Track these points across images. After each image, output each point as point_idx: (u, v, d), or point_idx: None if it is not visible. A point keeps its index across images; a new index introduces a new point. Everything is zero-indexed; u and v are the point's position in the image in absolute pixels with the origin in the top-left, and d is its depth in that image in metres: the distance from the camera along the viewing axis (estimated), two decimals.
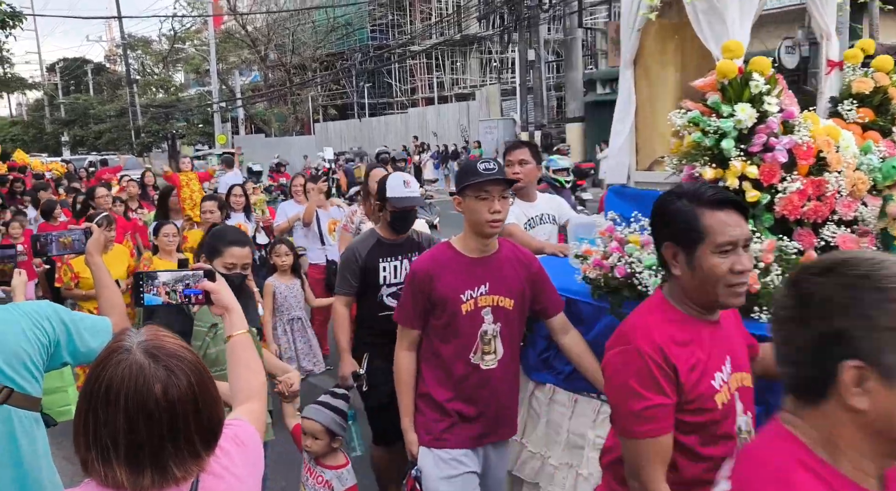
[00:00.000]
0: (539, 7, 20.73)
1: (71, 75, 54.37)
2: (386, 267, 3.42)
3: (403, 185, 3.37)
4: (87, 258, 2.41)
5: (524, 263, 2.66)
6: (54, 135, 47.39)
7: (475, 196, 2.45)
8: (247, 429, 1.44)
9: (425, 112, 30.68)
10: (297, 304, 5.01)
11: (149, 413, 1.14)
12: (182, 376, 1.18)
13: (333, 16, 36.34)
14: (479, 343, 2.56)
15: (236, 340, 1.72)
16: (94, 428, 1.14)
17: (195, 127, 40.84)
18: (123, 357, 1.17)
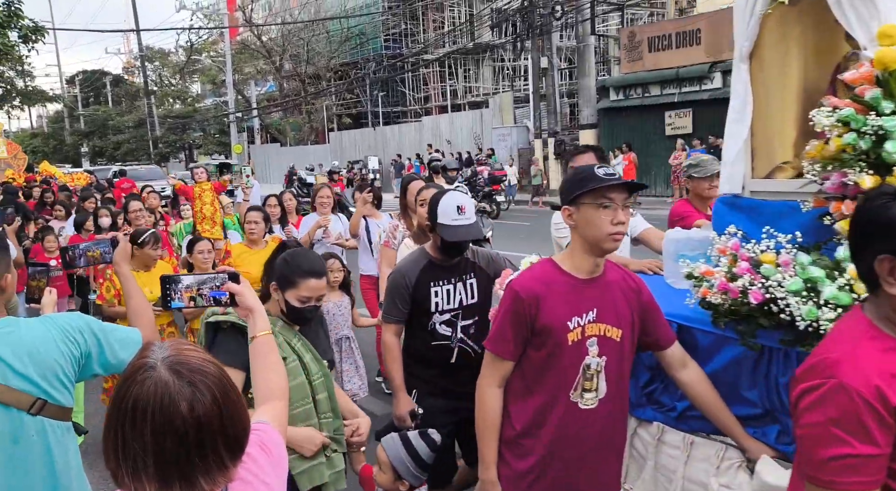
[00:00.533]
0: (551, 15, 20.80)
1: (90, 87, 55.13)
2: (438, 292, 3.07)
3: (457, 212, 2.91)
4: (114, 268, 2.45)
5: (634, 287, 2.30)
6: (74, 146, 48.05)
7: (595, 204, 2.09)
8: (271, 435, 1.46)
9: (439, 120, 30.78)
10: (344, 322, 4.78)
11: (175, 430, 1.15)
12: (207, 392, 1.19)
13: (347, 26, 36.62)
14: (581, 378, 2.19)
15: (259, 340, 1.76)
16: (122, 444, 1.16)
17: (212, 137, 41.29)
18: (148, 375, 1.18)
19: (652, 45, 19.43)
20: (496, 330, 2.25)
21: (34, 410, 1.85)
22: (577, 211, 2.13)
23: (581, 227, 2.15)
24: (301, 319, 2.43)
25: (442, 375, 3.09)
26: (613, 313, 2.21)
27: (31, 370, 1.85)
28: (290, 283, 2.37)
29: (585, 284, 2.20)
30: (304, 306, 2.38)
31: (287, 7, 39.86)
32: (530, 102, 24.65)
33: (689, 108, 18.65)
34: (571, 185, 2.17)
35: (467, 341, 3.12)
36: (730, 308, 2.27)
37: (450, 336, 3.09)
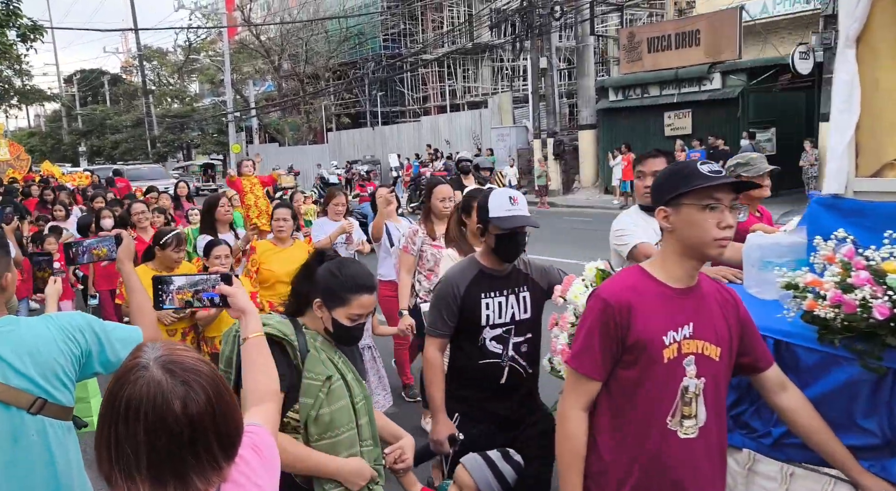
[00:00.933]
0: (550, 15, 20.80)
1: (88, 86, 55.05)
2: (489, 304, 2.83)
3: (509, 202, 2.78)
4: (117, 265, 2.44)
5: (730, 300, 2.04)
6: (72, 145, 48.00)
7: (699, 205, 1.86)
8: (264, 437, 1.45)
9: (438, 120, 30.77)
10: (366, 331, 4.57)
11: (169, 429, 1.15)
12: (200, 391, 1.19)
13: (346, 26, 36.59)
14: (679, 402, 1.92)
15: (251, 341, 1.75)
16: (115, 444, 1.16)
17: (210, 136, 41.22)
18: (141, 374, 1.18)
19: (651, 46, 19.42)
20: (581, 345, 1.97)
21: (34, 410, 1.85)
22: (677, 212, 1.90)
23: (680, 231, 1.91)
24: (350, 338, 2.22)
25: (490, 397, 2.87)
26: (711, 329, 1.95)
27: (31, 369, 1.85)
28: (339, 299, 2.14)
29: (680, 294, 1.95)
30: (353, 325, 2.17)
31: (286, 7, 39.82)
32: (529, 103, 24.65)
33: (689, 108, 18.65)
34: (670, 184, 1.92)
35: (519, 360, 2.88)
36: (844, 323, 1.99)
37: (500, 354, 2.85)
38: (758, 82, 17.35)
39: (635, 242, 2.97)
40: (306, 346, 2.14)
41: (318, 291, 2.17)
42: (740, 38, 17.58)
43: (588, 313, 1.99)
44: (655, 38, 19.42)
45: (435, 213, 4.47)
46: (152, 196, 9.52)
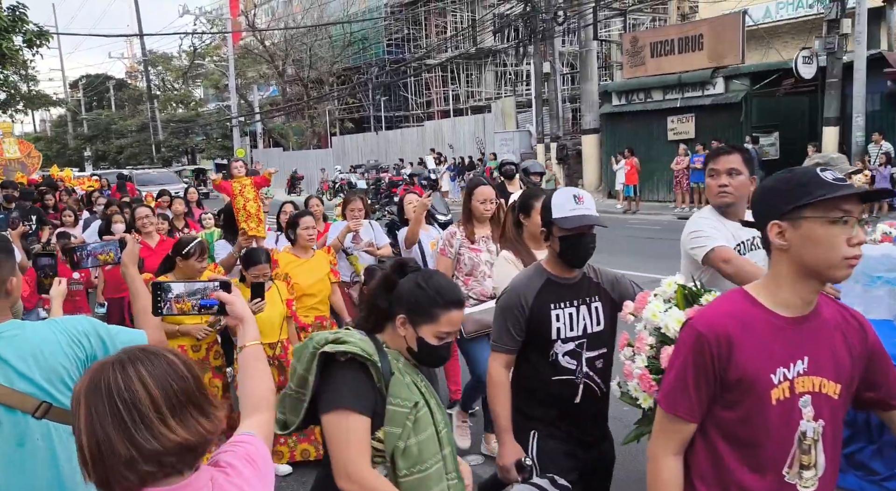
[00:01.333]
0: (554, 20, 20.85)
1: (93, 91, 55.30)
2: (560, 315, 2.61)
3: (573, 201, 2.57)
4: (121, 269, 2.45)
5: (856, 326, 1.75)
6: (77, 150, 48.20)
7: (825, 219, 1.58)
8: (258, 447, 1.45)
9: (441, 125, 30.81)
10: None
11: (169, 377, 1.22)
12: (161, 357, 1.26)
13: (350, 31, 36.70)
14: (797, 450, 1.66)
15: (249, 350, 1.74)
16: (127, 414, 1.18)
17: (214, 141, 41.37)
18: (101, 363, 1.25)
19: (654, 51, 19.44)
20: (672, 382, 1.71)
21: (39, 414, 1.86)
22: (796, 227, 1.61)
23: (800, 249, 1.61)
24: (436, 359, 2.04)
25: (563, 416, 2.64)
26: (831, 362, 1.67)
27: (36, 373, 1.86)
28: (427, 315, 1.96)
29: (795, 324, 1.66)
30: (441, 344, 1.99)
31: (290, 12, 39.96)
32: (532, 107, 24.68)
33: (692, 113, 18.65)
34: (786, 193, 1.63)
35: (594, 377, 2.65)
36: None
37: (574, 369, 2.62)
38: (761, 87, 17.35)
39: (712, 245, 2.75)
40: (389, 367, 1.95)
41: (401, 306, 1.98)
42: (743, 43, 17.59)
43: (680, 346, 1.74)
44: (658, 43, 19.44)
45: (476, 215, 4.29)
46: (164, 200, 9.23)
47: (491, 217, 4.31)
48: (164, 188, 11.28)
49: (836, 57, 14.91)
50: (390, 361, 1.97)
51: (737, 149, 2.98)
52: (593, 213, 2.58)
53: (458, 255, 4.27)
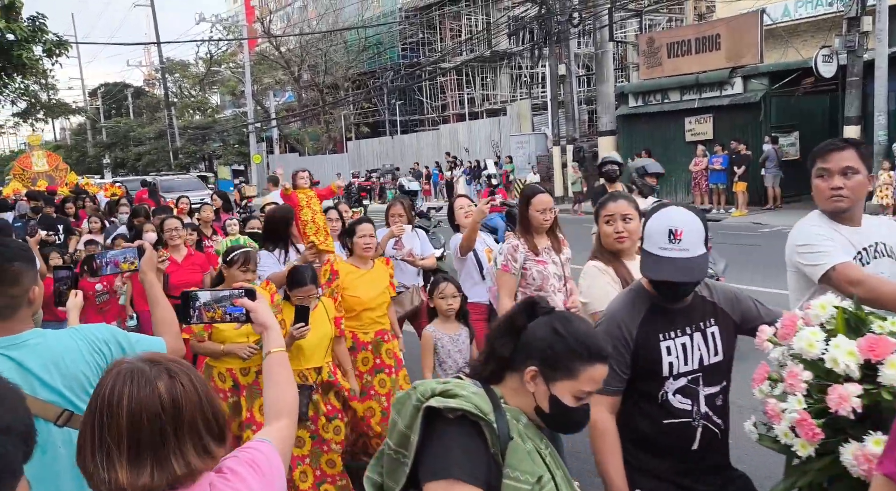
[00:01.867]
0: (569, 22, 20.76)
1: (112, 99, 55.95)
2: (671, 347, 2.17)
3: (668, 238, 2.08)
4: (140, 276, 2.46)
5: None
6: (96, 157, 48.75)
7: None
8: (267, 454, 1.44)
9: (456, 128, 30.82)
10: (464, 360, 3.88)
11: (152, 412, 1.18)
12: (183, 376, 1.23)
13: (365, 36, 36.85)
14: None
15: (274, 356, 1.75)
16: (98, 433, 1.18)
17: (231, 147, 41.61)
18: (125, 365, 1.23)
19: (671, 51, 19.30)
20: None
21: (61, 422, 1.88)
22: None
23: None
24: (571, 423, 1.69)
25: (678, 466, 2.19)
26: None
27: (58, 381, 1.88)
28: (565, 369, 1.62)
29: None
30: (578, 405, 1.65)
31: (305, 18, 40.19)
32: (548, 110, 24.60)
33: (710, 113, 18.48)
34: None
35: (713, 417, 2.21)
36: None
37: (689, 410, 2.19)
38: (780, 86, 17.16)
39: (833, 263, 2.37)
40: (508, 429, 1.58)
41: (531, 356, 1.65)
42: (761, 42, 17.40)
43: None
44: (675, 43, 19.30)
45: (534, 225, 3.91)
46: (184, 203, 9.03)
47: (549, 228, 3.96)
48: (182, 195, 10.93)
49: (856, 55, 14.71)
50: (509, 421, 1.60)
51: (851, 143, 2.56)
52: (689, 258, 2.06)
53: (522, 269, 3.84)
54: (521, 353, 1.67)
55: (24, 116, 35.18)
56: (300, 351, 3.71)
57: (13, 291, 1.88)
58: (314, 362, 3.82)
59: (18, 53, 12.87)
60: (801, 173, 16.49)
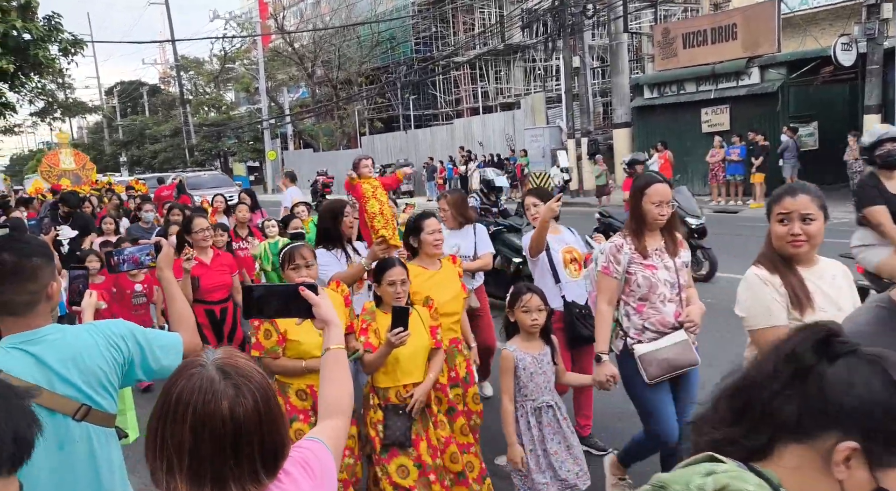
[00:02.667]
0: (583, 14, 20.61)
1: (128, 98, 56.43)
2: None
3: None
4: (157, 272, 2.48)
5: None
6: (113, 156, 49.23)
7: None
8: (319, 454, 1.44)
9: (470, 122, 30.72)
10: (547, 384, 3.38)
11: (214, 429, 1.17)
12: (249, 396, 1.21)
13: (378, 30, 36.82)
14: None
15: (333, 353, 1.75)
16: (161, 438, 1.18)
17: (246, 144, 41.86)
18: (197, 371, 1.22)
19: (686, 42, 19.10)
20: None
21: (79, 416, 1.90)
22: None
23: None
24: None
25: None
26: None
27: (76, 377, 1.90)
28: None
29: None
30: None
31: (318, 13, 40.23)
32: (563, 102, 24.46)
33: (726, 104, 18.29)
34: None
35: None
36: None
37: None
38: (798, 75, 16.93)
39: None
40: None
41: (843, 422, 1.06)
42: (779, 31, 17.18)
43: None
44: (691, 34, 19.10)
45: (648, 221, 3.32)
46: (220, 201, 8.50)
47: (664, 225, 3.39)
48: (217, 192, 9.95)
49: (876, 43, 14.47)
50: None
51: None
52: None
53: (626, 273, 3.34)
54: (816, 415, 1.08)
55: (42, 116, 35.53)
56: (395, 364, 3.30)
57: (32, 287, 1.90)
58: (412, 377, 3.35)
59: (35, 52, 12.98)
60: (819, 164, 16.33)
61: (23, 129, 41.24)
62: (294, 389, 3.33)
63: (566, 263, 4.27)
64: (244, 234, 6.96)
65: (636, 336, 3.37)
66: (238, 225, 7.04)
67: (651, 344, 3.30)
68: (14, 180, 37.29)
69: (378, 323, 3.35)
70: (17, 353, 1.87)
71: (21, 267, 1.88)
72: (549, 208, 3.99)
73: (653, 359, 3.27)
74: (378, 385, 3.37)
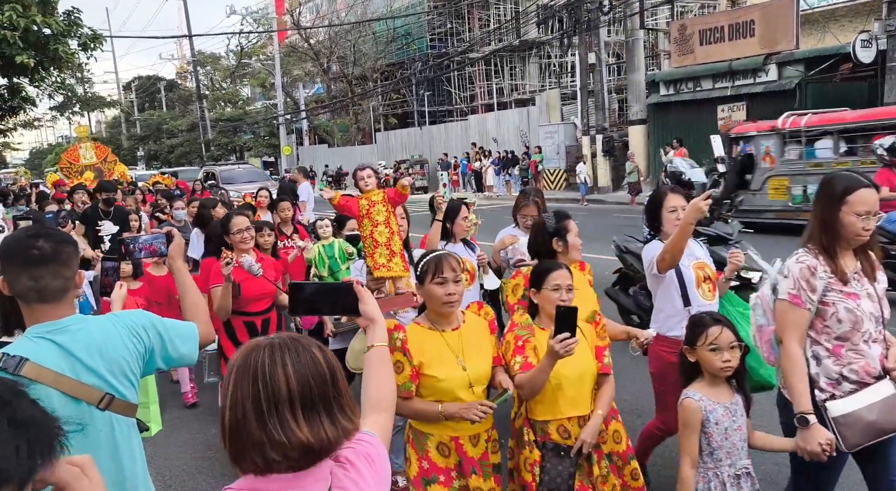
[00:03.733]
0: (599, 10, 20.52)
1: (145, 93, 56.86)
2: None
3: None
4: (168, 261, 2.53)
5: None
6: (131, 150, 49.62)
7: None
8: (378, 447, 1.47)
9: (485, 119, 30.70)
10: (743, 443, 2.64)
11: (318, 372, 1.27)
12: (327, 352, 1.33)
13: (393, 26, 36.84)
14: None
15: (376, 350, 1.78)
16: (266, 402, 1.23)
17: (261, 139, 42.07)
18: (272, 340, 1.30)
19: (703, 38, 18.98)
20: None
21: (103, 405, 1.93)
22: None
23: None
24: None
25: None
26: None
27: (100, 366, 1.94)
28: None
29: None
30: None
31: (334, 9, 40.31)
32: (578, 99, 24.37)
33: (743, 101, 18.16)
34: None
35: None
36: None
37: None
38: (816, 72, 16.78)
39: None
40: None
41: None
42: (797, 28, 17.03)
43: None
44: (708, 30, 18.97)
45: (848, 237, 2.54)
46: (264, 196, 7.67)
47: None
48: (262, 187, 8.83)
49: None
50: None
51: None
52: None
53: (821, 304, 2.56)
54: None
55: (61, 110, 35.88)
56: (558, 391, 2.71)
57: (67, 273, 1.96)
58: (577, 409, 2.76)
59: (55, 47, 13.13)
60: None
61: (42, 123, 41.72)
62: (434, 441, 2.65)
63: (699, 282, 3.38)
64: (289, 232, 6.35)
65: (829, 388, 2.56)
66: (282, 223, 6.41)
67: (850, 400, 2.51)
68: (34, 173, 37.75)
69: (537, 340, 2.76)
70: (43, 342, 1.90)
71: (58, 252, 1.93)
72: (696, 208, 3.09)
73: (854, 422, 2.47)
74: (535, 417, 2.78)
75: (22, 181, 21.80)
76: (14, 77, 14.36)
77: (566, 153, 23.98)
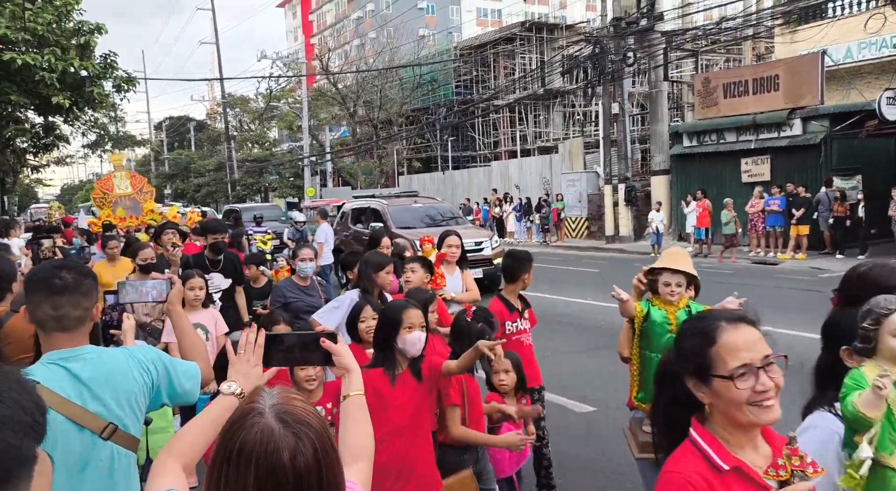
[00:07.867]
0: (623, 61, 20.74)
1: (175, 132, 58.17)
2: None
3: None
4: (166, 306, 2.64)
5: None
6: (158, 188, 50.50)
7: None
8: None
9: (508, 165, 30.91)
10: None
11: (277, 480, 1.17)
12: (309, 445, 1.21)
13: (420, 73, 37.51)
14: None
15: (352, 399, 1.79)
16: (224, 485, 1.20)
17: (286, 180, 42.62)
18: (256, 420, 1.22)
19: (727, 91, 19.05)
20: None
21: (106, 435, 1.96)
22: None
23: None
24: None
25: None
26: None
27: (107, 395, 1.99)
28: None
29: None
30: None
31: (362, 55, 41.21)
32: (601, 148, 24.48)
33: (767, 154, 18.10)
34: None
35: None
36: None
37: None
38: (842, 128, 16.72)
39: None
40: None
41: None
42: (822, 84, 17.04)
43: None
44: (732, 84, 19.05)
45: None
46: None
47: None
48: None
49: None
50: None
51: None
52: None
53: None
54: None
55: (94, 148, 36.78)
56: None
57: (86, 304, 2.06)
58: None
59: (90, 89, 13.53)
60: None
61: (74, 160, 42.72)
62: None
63: None
64: None
65: None
66: None
67: None
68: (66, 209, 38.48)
69: None
70: (54, 368, 1.97)
71: (79, 283, 2.05)
72: None
73: None
74: None
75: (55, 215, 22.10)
76: (49, 116, 14.79)
77: (588, 201, 23.98)
